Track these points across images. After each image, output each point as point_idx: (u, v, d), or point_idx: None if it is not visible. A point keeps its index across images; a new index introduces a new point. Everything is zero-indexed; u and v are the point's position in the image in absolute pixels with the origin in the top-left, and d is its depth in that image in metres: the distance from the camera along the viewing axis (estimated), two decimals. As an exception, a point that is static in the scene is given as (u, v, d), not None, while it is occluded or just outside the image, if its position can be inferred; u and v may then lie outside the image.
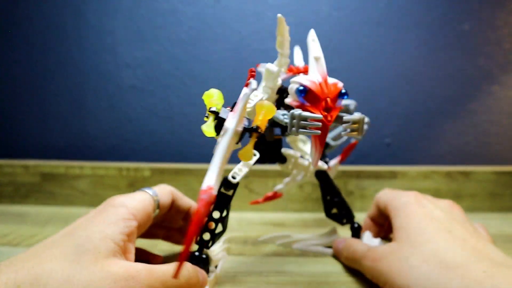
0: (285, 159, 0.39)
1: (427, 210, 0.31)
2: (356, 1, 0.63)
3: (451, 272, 0.24)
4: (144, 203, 0.30)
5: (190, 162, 0.66)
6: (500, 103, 0.65)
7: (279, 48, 0.32)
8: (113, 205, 0.28)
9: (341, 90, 0.27)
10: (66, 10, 0.64)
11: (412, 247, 0.28)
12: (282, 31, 0.31)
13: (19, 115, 0.67)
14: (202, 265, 0.30)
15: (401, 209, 0.32)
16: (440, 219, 0.30)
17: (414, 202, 0.32)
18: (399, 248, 0.28)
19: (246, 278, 0.34)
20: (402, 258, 0.27)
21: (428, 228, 0.29)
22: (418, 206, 0.32)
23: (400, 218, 0.31)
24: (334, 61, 0.64)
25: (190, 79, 0.65)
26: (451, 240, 0.27)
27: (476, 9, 0.63)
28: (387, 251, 0.29)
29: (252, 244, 0.43)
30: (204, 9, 0.64)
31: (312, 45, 0.29)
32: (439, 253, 0.26)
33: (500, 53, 0.64)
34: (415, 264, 0.26)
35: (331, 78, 0.29)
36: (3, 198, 0.59)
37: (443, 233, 0.28)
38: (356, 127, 0.26)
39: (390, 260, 0.28)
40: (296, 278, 0.34)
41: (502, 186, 0.58)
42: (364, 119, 0.26)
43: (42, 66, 0.66)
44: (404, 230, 0.30)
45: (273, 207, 0.57)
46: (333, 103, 0.27)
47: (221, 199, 0.32)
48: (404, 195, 0.34)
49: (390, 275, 0.27)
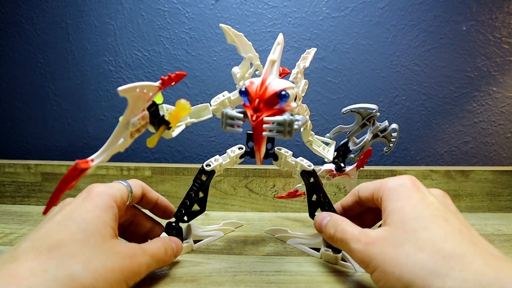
0: (277, 156, 0.40)
1: (422, 194, 0.29)
2: (356, 2, 0.63)
3: (449, 262, 0.23)
4: (121, 192, 0.32)
5: (190, 162, 0.67)
6: (499, 103, 0.65)
7: (241, 54, 0.35)
8: (98, 193, 0.30)
9: (278, 93, 0.27)
10: (67, 10, 0.65)
11: (407, 233, 0.26)
12: (232, 39, 0.34)
13: (20, 115, 0.68)
14: (175, 233, 0.39)
15: (396, 191, 0.29)
16: (435, 206, 0.28)
17: (410, 185, 0.29)
18: (393, 233, 0.26)
19: (246, 277, 0.34)
20: (397, 244, 0.26)
21: (424, 213, 0.27)
22: (414, 189, 0.29)
23: (394, 201, 0.29)
24: (334, 61, 0.65)
25: (190, 79, 0.65)
26: (448, 229, 0.25)
27: (474, 10, 0.63)
28: (381, 235, 0.27)
29: (252, 244, 0.43)
30: (204, 10, 0.64)
31: (274, 48, 0.30)
32: (436, 241, 0.24)
33: (498, 53, 0.64)
34: (410, 251, 0.25)
35: (279, 81, 0.28)
36: (5, 197, 0.60)
37: (439, 221, 0.26)
38: (281, 129, 0.26)
39: (383, 246, 0.26)
40: (296, 277, 0.34)
41: (501, 186, 0.59)
42: (292, 122, 0.26)
43: (42, 66, 0.66)
44: (398, 214, 0.27)
45: (273, 207, 0.58)
46: (263, 104, 0.27)
47: (197, 183, 0.39)
48: (398, 177, 0.31)
49: (383, 262, 0.26)
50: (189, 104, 0.32)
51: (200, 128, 0.66)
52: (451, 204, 0.30)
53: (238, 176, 0.57)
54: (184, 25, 0.64)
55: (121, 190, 0.32)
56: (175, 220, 0.39)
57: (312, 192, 0.39)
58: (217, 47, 0.64)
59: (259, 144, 0.30)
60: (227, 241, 0.44)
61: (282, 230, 0.45)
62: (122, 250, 0.28)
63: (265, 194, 0.58)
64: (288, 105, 0.28)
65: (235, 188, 0.57)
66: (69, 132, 0.67)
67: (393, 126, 0.42)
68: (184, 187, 0.58)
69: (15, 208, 0.57)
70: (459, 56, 0.64)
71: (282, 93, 0.27)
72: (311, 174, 0.39)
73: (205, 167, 0.39)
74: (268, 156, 0.40)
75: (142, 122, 0.30)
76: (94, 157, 0.28)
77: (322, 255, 0.38)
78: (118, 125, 0.28)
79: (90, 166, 0.27)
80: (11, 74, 0.67)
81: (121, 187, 0.33)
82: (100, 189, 0.31)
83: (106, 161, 0.28)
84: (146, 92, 0.30)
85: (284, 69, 0.40)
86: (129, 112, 0.29)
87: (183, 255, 0.40)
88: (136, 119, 0.29)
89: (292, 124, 0.26)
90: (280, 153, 0.40)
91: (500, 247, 0.44)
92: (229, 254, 0.40)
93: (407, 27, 0.64)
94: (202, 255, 0.40)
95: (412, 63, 0.65)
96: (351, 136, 0.44)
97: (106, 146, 0.28)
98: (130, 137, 0.29)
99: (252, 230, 0.49)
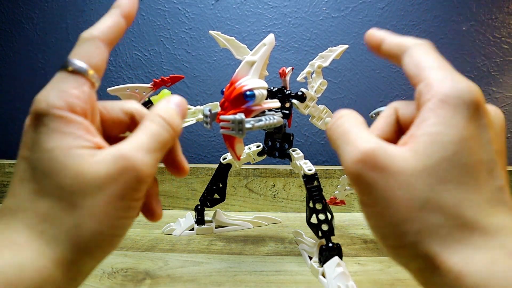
0: (290, 157, 0.40)
1: (480, 126, 0.20)
2: (356, 2, 0.63)
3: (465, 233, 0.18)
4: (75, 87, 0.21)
5: (190, 162, 0.67)
6: (499, 103, 0.65)
7: (237, 57, 0.36)
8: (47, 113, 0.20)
9: (242, 93, 0.28)
10: (67, 10, 0.65)
11: (436, 179, 0.19)
12: (224, 44, 0.36)
13: (20, 115, 0.68)
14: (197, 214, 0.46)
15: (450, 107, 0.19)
16: (488, 149, 0.20)
17: (471, 106, 0.19)
18: (418, 172, 0.19)
19: (246, 277, 0.34)
20: (418, 189, 0.19)
21: (469, 159, 0.19)
22: (473, 116, 0.19)
23: (439, 119, 0.19)
24: (334, 61, 0.64)
25: (190, 79, 0.65)
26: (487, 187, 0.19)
27: (474, 10, 0.63)
28: (399, 165, 0.19)
29: (252, 244, 0.43)
30: (204, 10, 0.64)
31: (257, 49, 0.30)
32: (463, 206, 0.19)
33: (498, 53, 0.64)
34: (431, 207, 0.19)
35: (251, 81, 0.29)
36: (5, 197, 0.60)
37: (481, 173, 0.19)
38: (232, 127, 0.27)
39: (397, 182, 0.19)
40: (296, 277, 0.35)
41: (501, 186, 0.59)
42: (242, 121, 0.27)
43: (42, 66, 0.66)
44: (437, 146, 0.19)
45: (273, 207, 0.58)
46: (228, 103, 0.29)
47: (219, 171, 0.46)
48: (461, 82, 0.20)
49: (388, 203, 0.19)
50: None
51: (200, 128, 0.66)
52: (504, 137, 0.22)
53: (238, 176, 0.57)
54: (184, 25, 0.64)
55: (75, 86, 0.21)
56: (200, 204, 0.47)
57: (309, 198, 0.37)
58: (217, 47, 0.64)
59: (227, 141, 0.30)
60: (227, 241, 0.44)
61: (299, 233, 0.44)
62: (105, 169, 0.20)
63: (265, 194, 0.58)
64: (257, 105, 0.29)
65: (235, 188, 0.58)
66: (69, 132, 0.67)
67: None
68: (184, 187, 0.58)
69: (15, 208, 0.57)
70: (459, 56, 0.64)
71: (246, 93, 0.28)
72: (312, 179, 0.37)
73: (222, 160, 0.45)
74: (285, 157, 0.41)
75: None
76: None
77: (311, 265, 0.37)
78: None
79: None
80: (11, 74, 0.67)
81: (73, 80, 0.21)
82: (44, 105, 0.20)
83: None
84: (138, 91, 0.35)
85: (284, 69, 0.40)
86: None
87: (183, 254, 0.40)
88: None
89: (243, 123, 0.27)
90: (291, 153, 0.39)
91: None
92: (229, 254, 0.40)
93: (407, 27, 0.64)
94: (202, 255, 0.40)
95: (412, 63, 0.65)
96: None
97: None
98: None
99: (252, 230, 0.49)
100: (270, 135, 0.41)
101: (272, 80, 0.61)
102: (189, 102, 0.44)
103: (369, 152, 0.20)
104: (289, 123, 0.40)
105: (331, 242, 0.35)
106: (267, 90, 0.32)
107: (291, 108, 0.39)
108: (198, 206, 0.46)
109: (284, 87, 0.39)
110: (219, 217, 0.48)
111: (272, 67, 0.63)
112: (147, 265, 0.37)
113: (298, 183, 0.57)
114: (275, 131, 0.40)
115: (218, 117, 0.29)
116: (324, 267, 0.34)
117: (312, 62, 0.39)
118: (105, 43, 0.24)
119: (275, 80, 0.61)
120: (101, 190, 0.20)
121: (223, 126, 0.28)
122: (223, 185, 0.47)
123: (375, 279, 0.35)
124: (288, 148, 0.40)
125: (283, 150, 0.41)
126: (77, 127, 0.20)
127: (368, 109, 0.25)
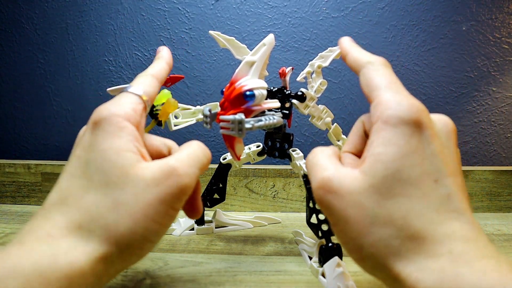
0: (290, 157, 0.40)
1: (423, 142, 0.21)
2: (356, 2, 0.63)
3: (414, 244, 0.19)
4: (132, 104, 0.26)
5: (190, 162, 0.67)
6: (499, 103, 0.65)
7: (237, 57, 0.36)
8: (104, 119, 0.24)
9: (242, 93, 0.28)
10: (67, 10, 0.65)
11: (381, 195, 0.20)
12: (224, 44, 0.36)
13: (20, 115, 0.68)
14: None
15: (393, 127, 0.21)
16: (432, 160, 0.21)
17: (413, 123, 0.21)
18: (365, 190, 0.21)
19: (246, 277, 0.34)
20: (366, 206, 0.20)
21: (412, 173, 0.20)
22: (416, 132, 0.21)
23: (386, 140, 0.21)
24: (334, 61, 0.64)
25: (190, 79, 0.65)
26: (433, 195, 0.20)
27: (474, 10, 0.63)
28: (348, 187, 0.21)
29: (252, 244, 0.43)
30: (204, 10, 0.64)
31: (257, 49, 0.30)
32: (409, 217, 0.19)
33: (498, 53, 0.64)
34: (379, 221, 0.20)
35: (251, 81, 0.29)
36: (5, 197, 0.60)
37: (427, 183, 0.20)
38: (232, 127, 0.27)
39: (348, 202, 0.21)
40: (296, 277, 0.35)
41: (501, 186, 0.59)
42: (242, 121, 0.27)
43: (42, 66, 0.66)
44: (384, 164, 0.21)
45: (273, 207, 0.58)
46: (228, 104, 0.29)
47: (218, 171, 0.46)
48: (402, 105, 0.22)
49: (346, 220, 0.21)
50: (174, 101, 0.35)
51: (200, 128, 0.66)
52: (453, 146, 0.23)
53: (238, 176, 0.57)
54: (184, 25, 0.64)
55: (131, 102, 0.26)
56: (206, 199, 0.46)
57: (309, 198, 0.38)
58: (217, 47, 0.64)
59: (226, 141, 0.30)
60: (227, 241, 0.44)
61: (299, 233, 0.44)
62: (153, 174, 0.22)
63: (265, 194, 0.58)
64: (257, 105, 0.29)
65: (235, 188, 0.58)
66: (69, 132, 0.67)
67: None
68: (184, 187, 0.58)
69: (16, 208, 0.57)
70: (459, 56, 0.64)
71: (246, 93, 0.28)
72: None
73: (222, 160, 0.45)
74: (285, 157, 0.41)
75: None
76: None
77: (310, 265, 0.37)
78: None
79: None
80: (11, 74, 0.67)
81: (130, 98, 0.26)
82: (104, 112, 0.24)
83: None
84: None
85: (284, 69, 0.40)
86: None
87: (183, 254, 0.40)
88: None
89: (242, 123, 0.27)
90: (291, 154, 0.40)
91: (500, 247, 0.44)
92: (229, 254, 0.40)
93: (407, 27, 0.64)
94: (202, 255, 0.40)
95: (412, 63, 0.65)
96: None
97: None
98: None
99: (252, 230, 0.49)
100: (270, 135, 0.41)
101: (272, 80, 0.61)
102: (189, 102, 0.44)
103: (325, 179, 0.22)
104: (289, 123, 0.40)
105: (331, 242, 0.35)
106: (267, 90, 0.32)
107: (291, 108, 0.39)
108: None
109: (284, 87, 0.39)
110: (219, 217, 0.48)
111: (272, 67, 0.63)
112: (147, 265, 0.37)
113: (298, 183, 0.57)
114: (275, 131, 0.40)
115: (218, 117, 0.29)
116: (324, 267, 0.34)
117: (312, 62, 0.39)
118: (156, 79, 0.30)
119: (275, 80, 0.61)
120: (145, 191, 0.22)
121: (223, 126, 0.28)
122: (223, 185, 0.47)
123: (375, 279, 0.35)
124: (288, 148, 0.40)
125: (283, 150, 0.41)
126: (129, 134, 0.24)
127: (368, 109, 0.25)
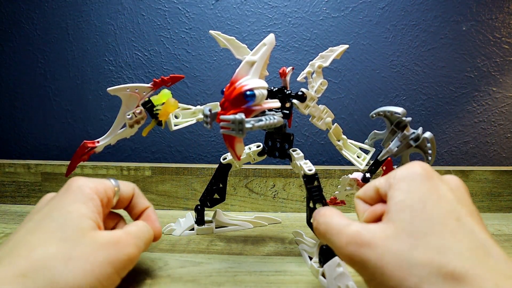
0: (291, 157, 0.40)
1: (435, 185, 0.24)
2: (356, 2, 0.63)
3: (457, 284, 0.20)
4: (105, 186, 0.31)
5: (190, 162, 0.67)
6: (499, 103, 0.65)
7: (237, 57, 0.37)
8: (78, 186, 0.30)
9: (242, 93, 0.28)
10: (67, 10, 0.65)
11: (413, 237, 0.22)
12: (224, 44, 0.36)
13: (20, 115, 0.68)
14: (197, 214, 0.46)
15: (405, 180, 0.24)
16: (448, 199, 0.23)
17: (420, 172, 0.24)
18: (397, 236, 0.22)
19: (246, 277, 0.34)
20: (401, 250, 0.21)
21: (435, 211, 0.22)
22: (425, 178, 0.24)
23: (402, 191, 0.24)
24: (334, 61, 0.64)
25: (190, 79, 0.65)
26: (460, 233, 0.21)
27: (474, 10, 0.63)
28: (380, 236, 0.22)
29: (252, 244, 0.43)
30: (204, 10, 0.64)
31: (257, 49, 0.30)
32: (444, 254, 0.21)
33: (498, 53, 0.64)
34: (417, 262, 0.21)
35: (251, 81, 0.29)
36: (5, 197, 0.60)
37: (450, 221, 0.22)
38: (232, 127, 0.27)
39: (383, 251, 0.22)
40: (296, 277, 0.35)
41: (501, 186, 0.59)
42: (242, 121, 0.27)
43: (42, 66, 0.66)
44: (407, 210, 0.23)
45: (273, 207, 0.58)
46: (228, 103, 0.29)
47: (219, 171, 0.46)
48: (408, 165, 0.26)
49: (383, 270, 0.21)
50: (174, 101, 0.37)
51: (200, 128, 0.66)
52: (465, 193, 0.26)
53: (238, 176, 0.57)
54: (184, 25, 0.64)
55: (105, 184, 0.31)
56: (200, 204, 0.47)
57: (309, 198, 0.37)
58: (217, 47, 0.64)
59: (226, 140, 0.30)
60: (227, 241, 0.44)
61: (299, 233, 0.44)
62: (105, 239, 0.27)
63: (265, 194, 0.58)
64: (258, 105, 0.29)
65: (235, 188, 0.58)
66: (69, 132, 0.67)
67: (426, 135, 0.35)
68: (184, 187, 0.58)
69: (15, 208, 0.57)
70: (459, 56, 0.64)
71: (246, 93, 0.28)
72: (312, 179, 0.37)
73: (222, 160, 0.45)
74: (285, 157, 0.40)
75: (139, 116, 0.38)
76: (100, 139, 0.37)
77: (311, 265, 0.37)
78: (117, 116, 0.37)
79: (96, 146, 0.36)
80: (11, 74, 0.67)
81: (105, 181, 0.32)
82: (80, 182, 0.30)
83: (113, 144, 0.36)
84: (138, 91, 0.37)
85: (284, 69, 0.40)
86: (124, 107, 0.37)
87: (183, 254, 0.40)
88: (131, 112, 0.37)
89: (243, 123, 0.27)
90: (291, 154, 0.39)
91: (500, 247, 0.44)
92: (229, 254, 0.40)
93: (407, 27, 0.64)
94: (202, 255, 0.40)
95: (412, 63, 0.65)
96: (385, 144, 0.38)
97: (109, 132, 0.37)
98: (130, 127, 0.37)
99: (252, 230, 0.49)
100: (270, 135, 0.41)
101: (272, 80, 0.61)
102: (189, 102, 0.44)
103: (355, 234, 0.23)
104: (289, 123, 0.40)
105: None
106: (267, 90, 0.32)
107: (291, 108, 0.39)
108: (198, 206, 0.46)
109: (284, 87, 0.39)
110: (219, 217, 0.48)
111: (272, 67, 0.63)
112: (147, 265, 0.37)
113: (298, 183, 0.57)
114: (275, 131, 0.40)
115: (218, 117, 0.29)
116: (324, 267, 0.34)
117: (312, 62, 0.39)
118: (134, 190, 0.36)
119: (275, 80, 0.61)
120: (97, 252, 0.26)
121: (223, 126, 0.28)
122: (223, 185, 0.47)
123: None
124: (288, 148, 0.40)
125: (283, 150, 0.41)
126: (95, 206, 0.29)
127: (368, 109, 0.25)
